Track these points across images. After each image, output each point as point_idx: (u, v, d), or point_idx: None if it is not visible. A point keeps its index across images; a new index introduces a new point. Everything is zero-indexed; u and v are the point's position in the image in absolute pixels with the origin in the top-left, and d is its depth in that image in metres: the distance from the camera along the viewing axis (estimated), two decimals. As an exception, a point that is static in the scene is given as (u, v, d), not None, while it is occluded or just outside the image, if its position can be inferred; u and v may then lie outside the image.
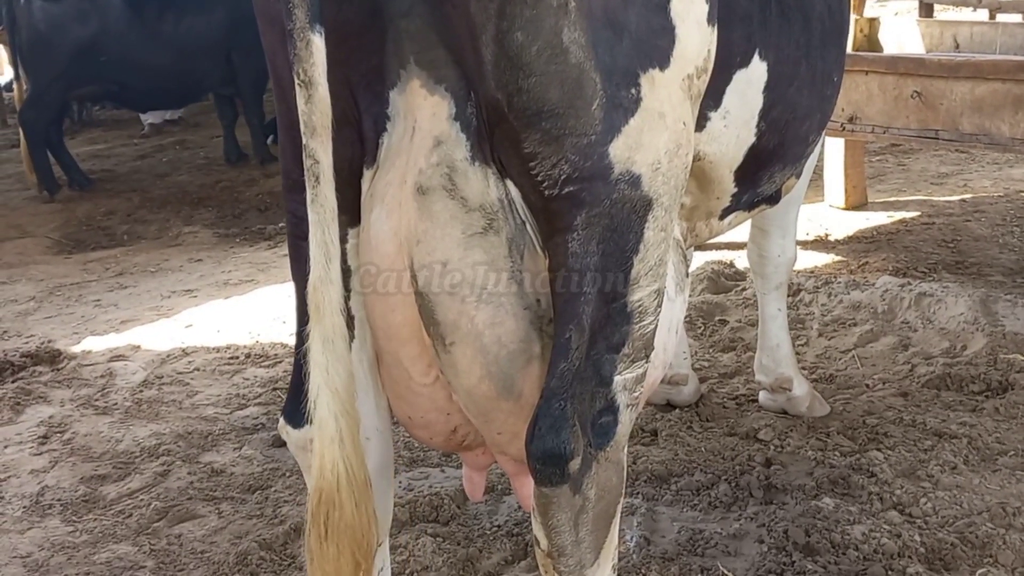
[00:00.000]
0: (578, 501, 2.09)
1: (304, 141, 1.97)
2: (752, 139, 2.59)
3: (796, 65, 2.63)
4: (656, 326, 2.17)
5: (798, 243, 6.34)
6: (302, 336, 2.13)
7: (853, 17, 6.66)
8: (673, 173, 2.10)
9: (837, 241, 6.49)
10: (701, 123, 2.43)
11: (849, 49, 6.65)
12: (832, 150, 6.76)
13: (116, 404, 4.60)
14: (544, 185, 2.01)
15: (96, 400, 4.65)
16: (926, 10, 11.51)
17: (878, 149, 8.39)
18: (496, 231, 2.07)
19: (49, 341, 5.43)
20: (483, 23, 1.93)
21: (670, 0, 2.06)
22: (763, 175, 2.76)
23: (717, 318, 5.12)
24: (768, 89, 2.55)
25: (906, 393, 4.18)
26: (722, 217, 2.80)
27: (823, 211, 6.95)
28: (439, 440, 2.38)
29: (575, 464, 2.05)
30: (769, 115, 2.59)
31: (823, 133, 3.04)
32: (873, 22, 6.69)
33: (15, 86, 9.92)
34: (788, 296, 5.16)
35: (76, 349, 5.32)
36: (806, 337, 4.85)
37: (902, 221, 6.64)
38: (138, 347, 5.29)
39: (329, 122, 1.96)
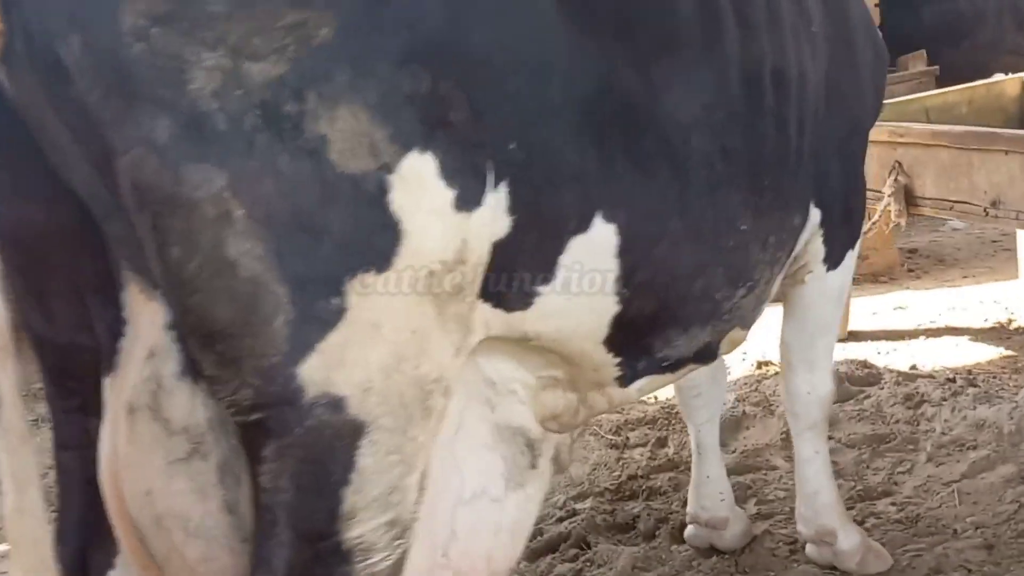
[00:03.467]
0: None
1: None
2: (616, 308, 2.25)
3: (663, 221, 2.27)
4: (397, 559, 1.88)
5: (972, 331, 5.76)
6: None
7: None
8: (396, 391, 1.81)
9: (1018, 330, 5.78)
10: (527, 301, 2.12)
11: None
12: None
13: None
14: (231, 411, 1.78)
15: None
16: None
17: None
18: (203, 456, 1.86)
19: None
20: (144, 236, 1.73)
21: (388, 193, 1.78)
22: (656, 341, 2.41)
23: (821, 435, 4.60)
24: (624, 252, 2.20)
25: (992, 545, 3.58)
26: (623, 385, 2.47)
27: (1016, 292, 6.21)
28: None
29: None
30: (634, 279, 2.24)
31: (765, 285, 2.62)
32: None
33: None
34: (910, 409, 4.63)
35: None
36: (911, 463, 4.27)
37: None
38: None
39: (8, 342, 1.81)
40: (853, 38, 3.06)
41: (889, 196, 5.22)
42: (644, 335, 2.37)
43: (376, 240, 1.78)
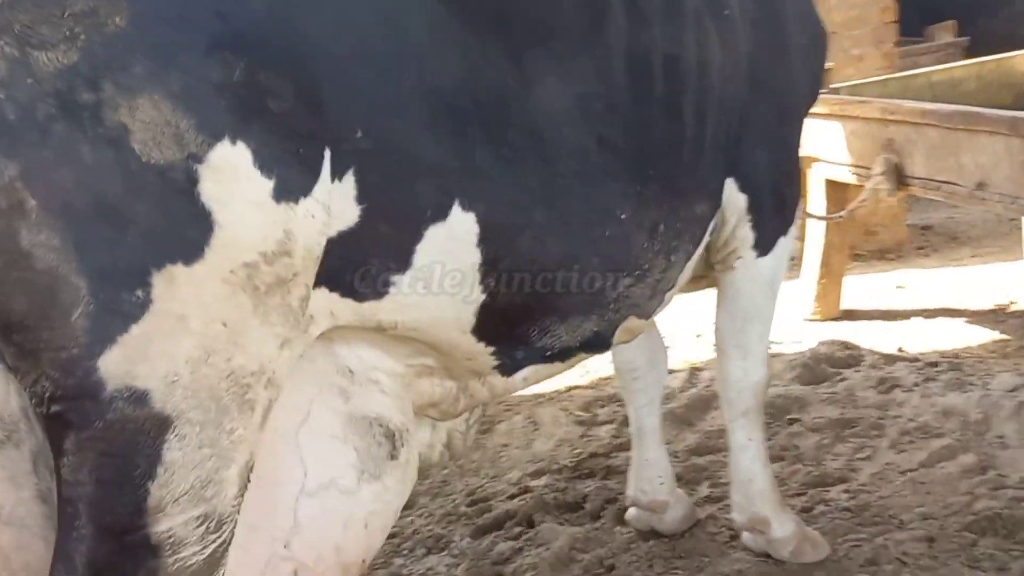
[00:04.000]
0: None
1: None
2: (482, 297, 2.22)
3: (529, 211, 2.22)
4: (213, 553, 1.86)
5: (969, 313, 5.63)
6: None
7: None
8: (205, 384, 1.78)
9: (1016, 313, 5.64)
10: (381, 291, 2.09)
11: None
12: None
13: None
14: (33, 403, 1.76)
15: None
16: None
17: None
18: (16, 444, 1.84)
19: None
20: None
21: (197, 183, 1.74)
22: (532, 331, 2.37)
23: (787, 417, 4.52)
24: (485, 242, 2.17)
25: (934, 538, 3.50)
26: (506, 374, 2.43)
27: (1021, 273, 6.05)
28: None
29: None
30: (498, 269, 2.21)
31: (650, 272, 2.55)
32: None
33: None
34: (882, 394, 4.54)
35: None
36: (873, 449, 4.18)
37: None
38: None
39: None
40: (783, 23, 2.99)
41: (879, 175, 5.11)
42: (518, 325, 2.33)
43: (186, 231, 1.75)
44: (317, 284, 2.00)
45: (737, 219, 3.03)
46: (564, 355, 2.50)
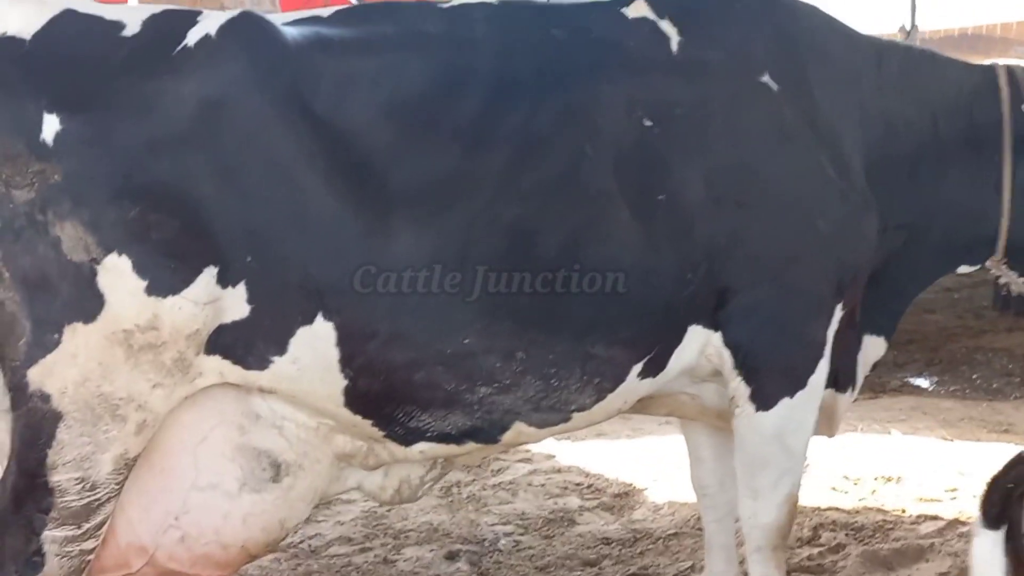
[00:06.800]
0: None
1: None
2: (344, 382, 3.10)
3: (378, 327, 3.06)
4: (87, 503, 2.95)
5: None
6: None
7: None
8: (83, 398, 2.88)
9: None
10: (263, 365, 3.07)
11: None
12: None
13: None
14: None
15: None
16: None
17: None
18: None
19: None
20: None
21: (96, 276, 2.87)
22: (397, 413, 3.17)
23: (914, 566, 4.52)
24: (342, 343, 3.05)
25: None
26: (402, 444, 3.26)
27: None
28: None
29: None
30: (354, 364, 3.07)
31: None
32: None
33: None
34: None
35: None
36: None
37: None
38: None
39: None
40: (786, 212, 3.38)
41: None
42: (381, 406, 3.15)
43: (86, 304, 2.88)
44: (212, 351, 3.02)
45: (727, 372, 3.45)
46: (448, 439, 3.25)
